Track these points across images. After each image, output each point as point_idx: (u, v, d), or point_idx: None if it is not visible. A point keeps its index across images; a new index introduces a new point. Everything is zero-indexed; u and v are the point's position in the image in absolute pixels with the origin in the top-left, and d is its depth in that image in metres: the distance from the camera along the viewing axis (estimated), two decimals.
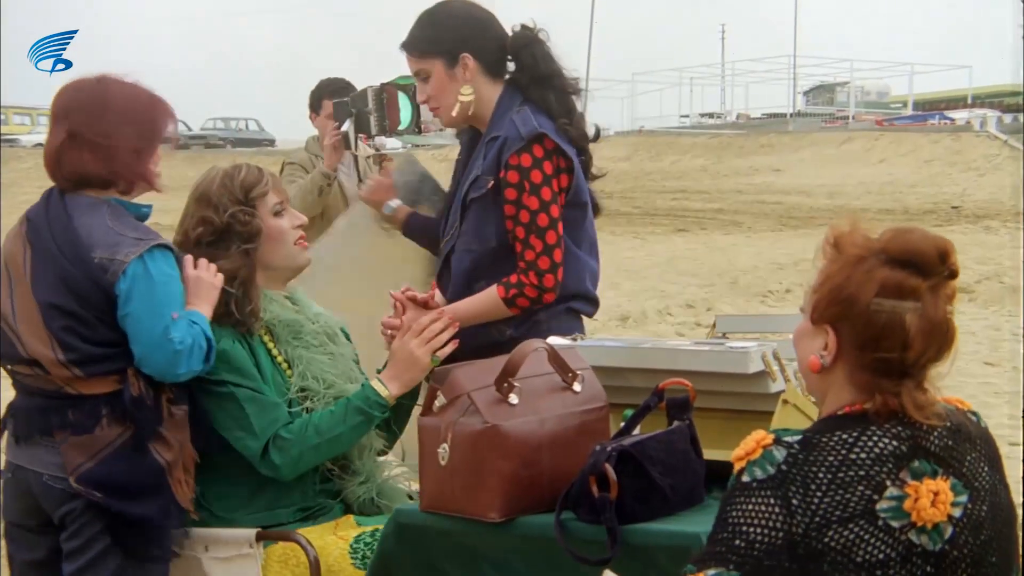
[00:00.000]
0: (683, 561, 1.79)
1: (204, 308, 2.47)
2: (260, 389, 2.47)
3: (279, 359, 2.56)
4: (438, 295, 2.85)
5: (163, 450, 2.44)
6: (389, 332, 2.66)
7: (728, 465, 2.08)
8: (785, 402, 2.09)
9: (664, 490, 1.93)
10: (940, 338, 1.56)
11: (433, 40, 2.74)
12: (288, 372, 2.55)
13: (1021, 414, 4.95)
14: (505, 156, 2.65)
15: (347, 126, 5.36)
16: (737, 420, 2.17)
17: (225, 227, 2.53)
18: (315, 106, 5.41)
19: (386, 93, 5.09)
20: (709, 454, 2.07)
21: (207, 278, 2.49)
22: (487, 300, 2.70)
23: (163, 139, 2.57)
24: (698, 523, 1.90)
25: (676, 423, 2.04)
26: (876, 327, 1.54)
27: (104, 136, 2.45)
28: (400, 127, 5.11)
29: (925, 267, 1.56)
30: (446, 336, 2.51)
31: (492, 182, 2.68)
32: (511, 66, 2.78)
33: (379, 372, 2.54)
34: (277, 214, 2.60)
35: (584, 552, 1.86)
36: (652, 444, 1.95)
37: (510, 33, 2.79)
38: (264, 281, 2.58)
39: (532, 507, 1.98)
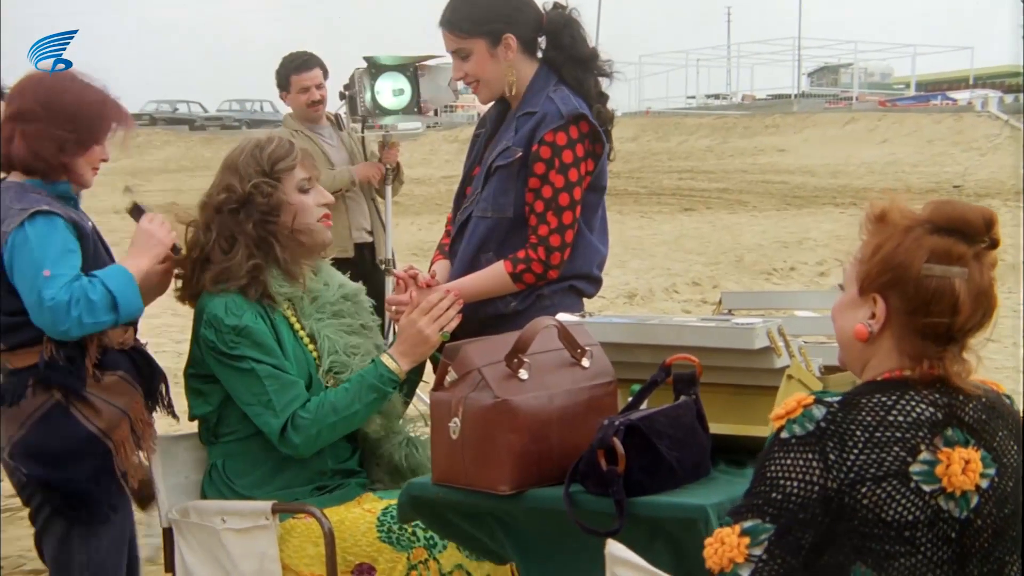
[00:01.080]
0: (689, 532, 1.83)
1: (139, 260, 2.56)
2: (281, 366, 2.50)
3: (301, 333, 2.58)
4: (439, 270, 2.88)
5: (91, 415, 2.54)
6: (394, 308, 2.71)
7: (733, 439, 2.13)
8: (790, 377, 2.11)
9: (671, 463, 1.96)
10: (985, 304, 1.60)
11: (477, 20, 2.75)
12: (310, 347, 2.59)
13: (1021, 389, 4.98)
14: (541, 132, 2.68)
15: (341, 108, 5.39)
16: (742, 395, 2.20)
17: (247, 196, 2.52)
18: (283, 84, 5.41)
19: (372, 72, 5.11)
20: (715, 428, 2.10)
21: (157, 232, 2.59)
22: (493, 275, 2.73)
23: (100, 140, 2.62)
24: (704, 495, 1.93)
25: (683, 398, 2.06)
26: (927, 292, 1.58)
27: (36, 123, 2.54)
28: (399, 108, 5.13)
29: (971, 234, 1.60)
30: (452, 312, 2.55)
31: (520, 153, 2.71)
32: (542, 42, 2.80)
33: (388, 348, 2.58)
34: (304, 191, 2.59)
35: (592, 524, 1.89)
36: (659, 418, 1.98)
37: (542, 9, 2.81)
38: (289, 256, 2.56)
39: (542, 480, 2.01)
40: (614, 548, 1.71)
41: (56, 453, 2.54)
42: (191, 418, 2.66)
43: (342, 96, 5.31)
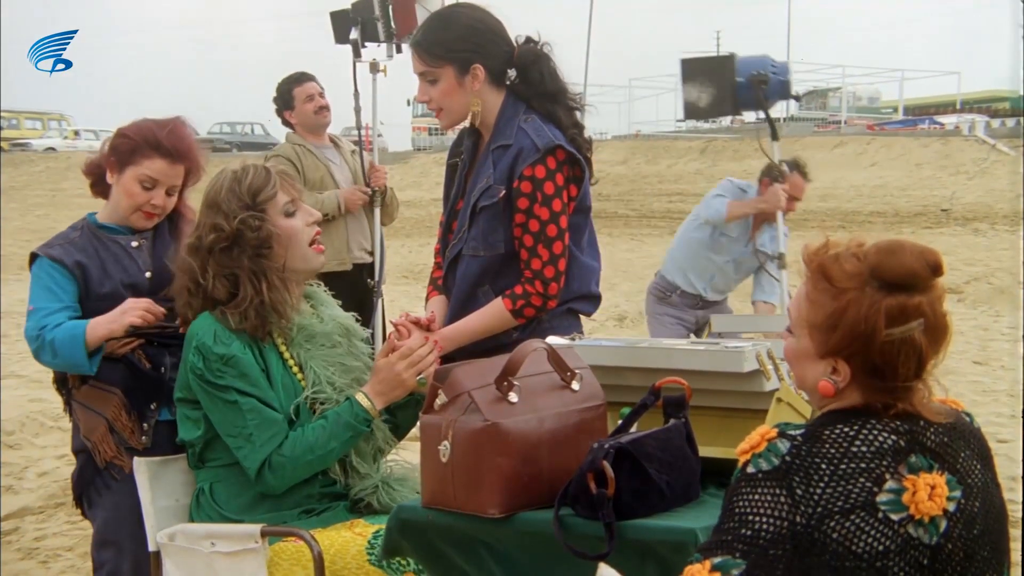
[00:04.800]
0: (679, 556, 1.82)
1: (101, 325, 2.79)
2: (265, 398, 2.50)
3: (291, 363, 2.59)
4: (436, 307, 2.88)
5: (79, 414, 2.89)
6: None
7: (723, 462, 2.13)
8: (779, 400, 2.12)
9: (660, 486, 1.96)
10: (942, 336, 1.61)
11: (447, 46, 2.73)
12: (299, 376, 2.59)
13: (1021, 411, 4.98)
14: (520, 168, 2.68)
15: (353, 34, 5.31)
16: (732, 418, 2.21)
17: (236, 233, 2.52)
18: (287, 102, 5.40)
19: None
20: (705, 451, 2.10)
21: (127, 310, 2.78)
22: (493, 314, 2.73)
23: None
24: (694, 519, 1.93)
25: (672, 421, 2.07)
26: (891, 353, 1.58)
27: None
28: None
29: (921, 285, 1.59)
30: (432, 359, 2.57)
31: (504, 191, 2.70)
32: (511, 72, 2.79)
33: (363, 386, 2.59)
34: (289, 214, 2.59)
35: (582, 547, 1.89)
36: (649, 442, 1.98)
37: (514, 40, 2.80)
38: (285, 284, 2.56)
39: (531, 503, 2.01)
40: (606, 572, 1.71)
41: (73, 450, 2.97)
42: (179, 442, 2.66)
43: (355, 21, 5.23)
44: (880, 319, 1.57)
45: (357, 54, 5.37)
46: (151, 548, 2.64)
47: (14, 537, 4.63)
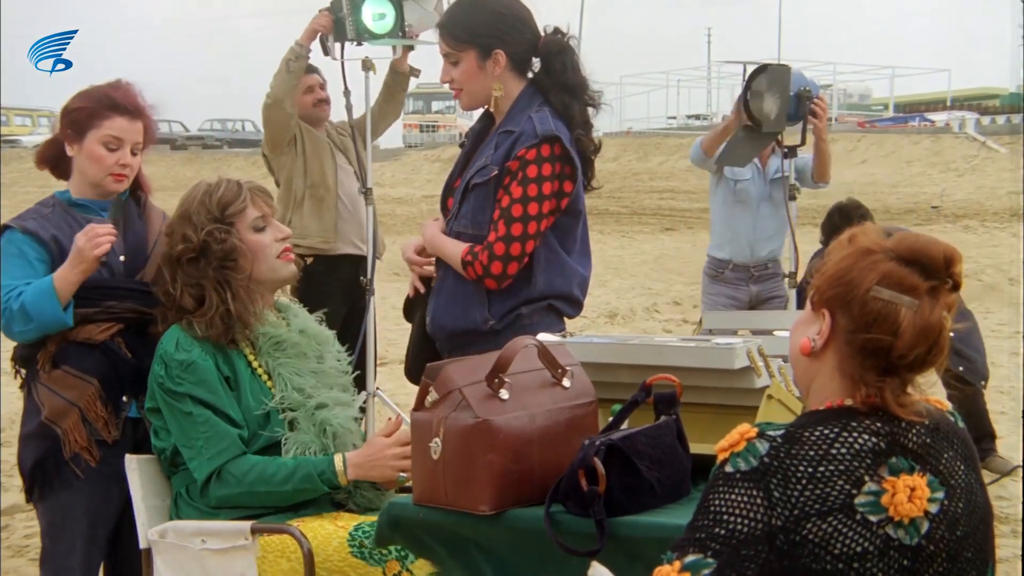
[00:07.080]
0: None
1: (65, 273, 2.68)
2: (221, 407, 2.51)
3: (259, 370, 2.60)
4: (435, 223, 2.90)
5: (45, 398, 2.76)
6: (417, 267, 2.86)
7: (714, 459, 2.13)
8: (769, 397, 2.12)
9: (651, 483, 1.96)
10: (931, 340, 1.58)
11: (471, 30, 2.76)
12: (268, 383, 2.59)
13: (1021, 410, 4.97)
14: (516, 150, 2.69)
15: (328, 38, 5.25)
16: (723, 415, 2.21)
17: (202, 245, 2.56)
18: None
19: None
20: (695, 448, 2.10)
21: (84, 248, 2.67)
22: (455, 251, 2.75)
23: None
24: (684, 516, 1.90)
25: (663, 418, 2.07)
26: (871, 313, 1.57)
27: None
28: (383, 32, 5.04)
29: (929, 269, 1.58)
30: None
31: (496, 171, 2.71)
32: (535, 62, 2.81)
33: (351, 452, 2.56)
34: (259, 229, 2.63)
35: (573, 544, 1.89)
36: (640, 438, 1.98)
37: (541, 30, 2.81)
38: (250, 295, 2.59)
39: (522, 500, 2.01)
40: (597, 570, 1.71)
41: (23, 433, 2.84)
42: (152, 451, 2.67)
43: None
44: (872, 274, 1.58)
45: (324, 51, 5.33)
46: (142, 545, 2.64)
47: (4, 534, 4.62)
